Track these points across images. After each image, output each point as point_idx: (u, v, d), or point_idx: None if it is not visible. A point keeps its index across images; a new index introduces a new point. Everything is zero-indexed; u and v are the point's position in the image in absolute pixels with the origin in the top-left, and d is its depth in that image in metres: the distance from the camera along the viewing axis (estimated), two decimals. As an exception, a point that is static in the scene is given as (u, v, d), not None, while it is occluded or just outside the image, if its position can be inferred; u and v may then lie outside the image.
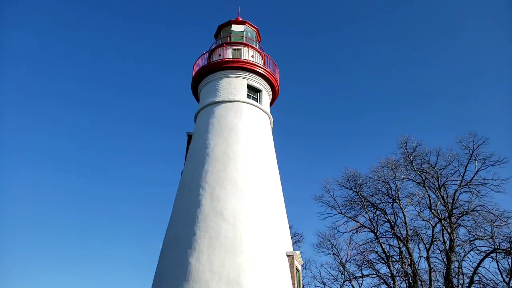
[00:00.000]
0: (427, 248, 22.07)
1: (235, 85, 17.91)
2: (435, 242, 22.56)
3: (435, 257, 22.65)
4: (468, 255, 22.29)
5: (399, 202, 24.58)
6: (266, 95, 19.12)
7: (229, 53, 19.56)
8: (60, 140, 52.74)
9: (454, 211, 23.03)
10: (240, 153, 15.50)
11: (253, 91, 18.46)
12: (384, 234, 24.79)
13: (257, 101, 18.24)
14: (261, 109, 18.00)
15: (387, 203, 25.42)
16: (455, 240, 22.22)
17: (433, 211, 22.88)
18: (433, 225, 22.35)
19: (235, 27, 21.02)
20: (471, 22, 56.47)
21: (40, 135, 52.78)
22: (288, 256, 13.99)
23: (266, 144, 16.96)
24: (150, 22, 64.33)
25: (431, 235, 22.18)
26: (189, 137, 17.68)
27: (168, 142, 56.31)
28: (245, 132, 16.34)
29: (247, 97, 17.92)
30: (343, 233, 25.79)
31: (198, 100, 19.70)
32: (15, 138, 47.68)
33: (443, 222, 22.34)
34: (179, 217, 14.50)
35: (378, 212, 25.07)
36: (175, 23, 65.23)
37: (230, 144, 15.73)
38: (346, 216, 25.27)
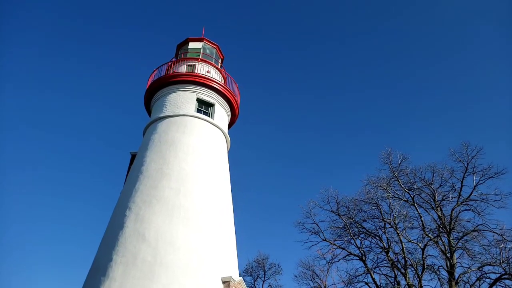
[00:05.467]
0: (420, 275, 19.14)
1: (182, 99, 16.64)
2: (428, 268, 19.64)
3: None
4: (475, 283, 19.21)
5: (396, 227, 21.87)
6: (222, 111, 17.70)
7: (182, 69, 18.50)
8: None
9: (453, 232, 20.24)
10: (177, 169, 13.91)
11: (204, 106, 17.13)
12: (376, 262, 21.94)
13: (208, 116, 16.84)
14: (213, 124, 16.55)
15: (380, 228, 22.72)
16: (456, 265, 19.32)
17: (426, 232, 20.11)
18: (422, 247, 19.51)
19: (192, 45, 20.14)
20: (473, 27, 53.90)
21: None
22: (224, 282, 11.94)
23: (215, 161, 15.33)
24: (118, 44, 59.51)
25: (422, 260, 19.26)
26: (133, 156, 16.31)
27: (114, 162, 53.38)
28: (188, 147, 14.82)
29: (197, 111, 16.58)
30: (332, 262, 23.00)
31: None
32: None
33: (443, 247, 19.53)
34: (104, 243, 12.82)
35: (363, 236, 22.33)
36: (140, 45, 60.66)
37: (167, 160, 14.20)
38: (331, 243, 22.51)
